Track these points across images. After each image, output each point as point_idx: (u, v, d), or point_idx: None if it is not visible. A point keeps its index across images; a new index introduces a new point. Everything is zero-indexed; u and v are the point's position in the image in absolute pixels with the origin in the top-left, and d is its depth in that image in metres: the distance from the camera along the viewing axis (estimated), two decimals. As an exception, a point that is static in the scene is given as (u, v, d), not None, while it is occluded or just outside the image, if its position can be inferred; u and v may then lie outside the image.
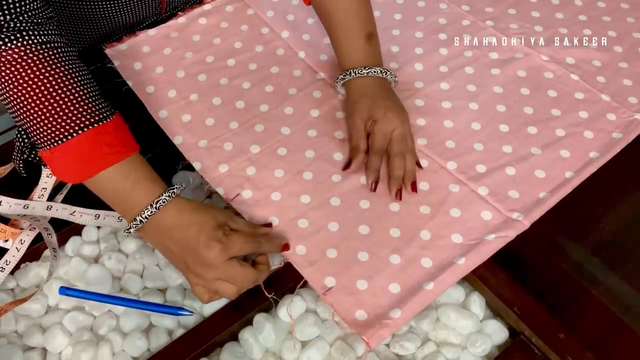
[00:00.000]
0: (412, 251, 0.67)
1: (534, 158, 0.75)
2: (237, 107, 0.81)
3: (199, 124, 0.79)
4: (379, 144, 0.73)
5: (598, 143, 0.77)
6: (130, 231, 0.63)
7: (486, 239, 0.67)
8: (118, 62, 0.86)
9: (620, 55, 0.88)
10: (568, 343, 0.61)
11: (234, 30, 0.91)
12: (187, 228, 0.61)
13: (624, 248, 0.71)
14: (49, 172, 0.75)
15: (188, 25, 0.91)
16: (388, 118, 0.73)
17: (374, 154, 0.73)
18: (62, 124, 0.61)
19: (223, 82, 0.84)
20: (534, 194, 0.72)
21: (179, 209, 0.63)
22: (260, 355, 0.63)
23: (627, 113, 0.80)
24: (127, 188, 0.62)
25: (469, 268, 0.66)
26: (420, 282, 0.64)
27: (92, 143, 0.62)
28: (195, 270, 0.61)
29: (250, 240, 0.63)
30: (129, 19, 0.88)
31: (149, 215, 0.62)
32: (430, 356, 0.63)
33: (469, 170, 0.74)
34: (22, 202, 0.72)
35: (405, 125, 0.73)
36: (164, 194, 0.62)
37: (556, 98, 0.82)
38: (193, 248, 0.61)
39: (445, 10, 0.94)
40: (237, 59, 0.87)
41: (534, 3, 0.95)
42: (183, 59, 0.87)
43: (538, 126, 0.79)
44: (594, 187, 0.76)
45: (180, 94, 0.83)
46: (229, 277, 0.61)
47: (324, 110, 0.81)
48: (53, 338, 0.64)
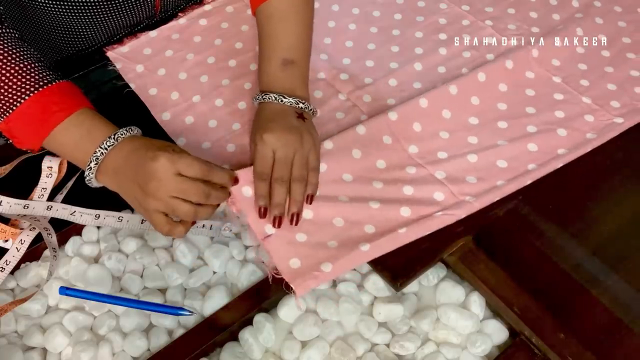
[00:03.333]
0: (358, 217, 0.69)
1: (499, 149, 0.77)
2: (239, 108, 0.82)
3: (202, 126, 0.79)
4: (258, 168, 0.68)
5: (569, 141, 0.78)
6: (90, 174, 0.64)
7: (433, 215, 0.69)
8: (120, 65, 0.86)
9: (607, 60, 0.88)
10: (568, 343, 0.61)
11: (235, 31, 0.91)
12: (136, 152, 0.63)
13: (624, 248, 0.71)
14: (49, 172, 0.75)
15: (189, 26, 0.91)
16: (268, 138, 0.68)
17: (255, 181, 0.69)
18: (9, 94, 0.64)
19: (225, 83, 0.85)
20: (491, 181, 0.73)
21: (130, 143, 0.64)
22: (260, 355, 0.63)
23: (606, 116, 0.81)
24: (83, 137, 0.65)
25: (409, 238, 0.68)
26: (358, 243, 0.66)
27: (41, 104, 0.65)
28: (147, 190, 0.61)
29: (200, 161, 0.62)
30: (124, 22, 0.88)
31: (108, 147, 0.63)
32: (430, 356, 0.63)
33: (429, 155, 0.76)
34: (22, 202, 0.72)
35: (290, 146, 0.68)
36: (116, 133, 0.64)
37: (533, 97, 0.83)
38: (141, 166, 0.61)
39: (446, 10, 0.94)
40: (239, 59, 0.88)
41: (533, 3, 0.95)
42: (185, 60, 0.87)
43: (509, 122, 0.80)
44: (594, 187, 0.77)
45: (182, 96, 0.83)
46: (181, 192, 0.61)
47: (324, 110, 0.81)
48: (53, 338, 0.64)
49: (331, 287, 0.68)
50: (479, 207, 0.71)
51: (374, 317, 0.66)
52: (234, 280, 0.69)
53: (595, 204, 0.75)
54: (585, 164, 0.78)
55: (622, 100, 0.83)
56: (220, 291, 0.67)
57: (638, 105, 0.82)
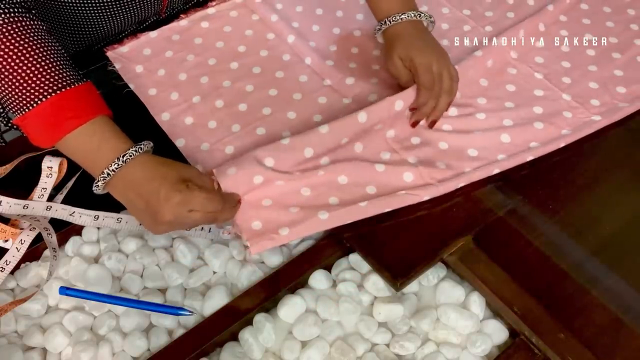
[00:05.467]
0: (324, 189, 0.72)
1: (471, 137, 0.78)
2: (239, 110, 0.81)
3: (201, 127, 0.79)
4: (423, 79, 0.76)
5: (543, 135, 0.79)
6: (99, 184, 0.65)
7: (396, 193, 0.71)
8: (119, 65, 0.85)
9: (591, 58, 0.88)
10: (568, 343, 0.61)
11: (238, 35, 0.91)
12: (150, 181, 0.63)
13: (624, 248, 0.71)
14: (49, 172, 0.75)
15: (190, 28, 0.91)
16: (424, 53, 0.77)
17: (420, 90, 0.77)
18: (28, 92, 0.64)
19: (226, 84, 0.84)
20: (459, 167, 0.75)
21: (144, 164, 0.64)
22: (260, 355, 0.63)
23: (585, 114, 0.81)
24: (93, 148, 0.65)
25: (369, 213, 0.70)
26: (317, 211, 0.69)
27: (56, 109, 0.64)
28: (157, 221, 0.63)
29: (213, 198, 0.63)
30: (131, 20, 0.88)
31: (115, 169, 0.63)
32: (430, 356, 0.63)
33: (405, 141, 0.78)
34: (22, 203, 0.72)
35: (441, 61, 0.77)
36: (131, 148, 0.64)
37: (513, 92, 0.84)
38: (153, 202, 0.62)
39: (447, 15, 0.94)
40: (241, 62, 0.87)
41: (531, 6, 0.95)
42: (185, 61, 0.87)
43: (487, 114, 0.81)
44: (594, 187, 0.77)
45: (182, 97, 0.83)
46: (192, 224, 0.65)
47: (329, 116, 0.80)
48: (53, 338, 0.64)
49: (331, 287, 0.68)
50: (444, 191, 0.73)
51: (374, 317, 0.66)
52: (234, 280, 0.69)
53: (595, 204, 0.75)
54: (586, 164, 0.78)
55: (602, 99, 0.83)
56: (220, 291, 0.67)
57: (618, 104, 0.82)
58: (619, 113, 0.82)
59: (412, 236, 0.70)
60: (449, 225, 0.71)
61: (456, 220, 0.72)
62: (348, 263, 0.70)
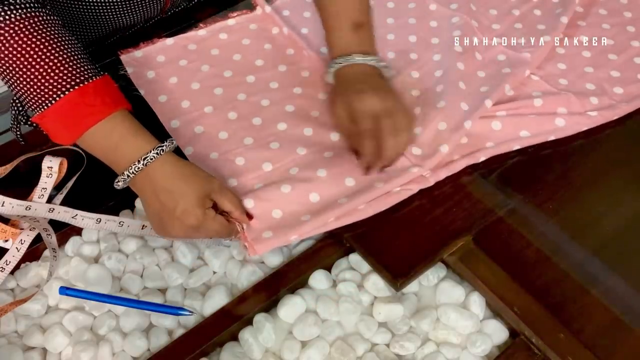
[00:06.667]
0: (306, 186, 0.71)
1: (462, 129, 0.77)
2: (253, 124, 0.79)
3: (211, 137, 0.78)
4: (362, 125, 0.72)
5: (535, 125, 0.79)
6: (119, 184, 0.65)
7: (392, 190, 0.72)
8: (132, 70, 0.84)
9: (587, 60, 0.88)
10: (568, 343, 0.61)
11: (257, 48, 0.89)
12: (170, 194, 0.63)
13: (624, 248, 0.71)
14: (49, 172, 0.75)
15: (208, 38, 0.89)
16: (361, 99, 0.72)
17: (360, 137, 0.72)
18: (46, 89, 0.63)
19: (241, 97, 0.82)
20: (448, 155, 0.75)
21: (166, 170, 0.64)
22: (260, 355, 0.63)
23: (582, 109, 0.81)
24: (111, 145, 0.64)
25: (368, 213, 0.70)
26: (300, 215, 0.69)
27: (74, 105, 0.64)
28: (171, 232, 0.64)
29: (224, 231, 0.66)
30: (134, 19, 0.88)
31: (136, 171, 0.64)
32: (430, 356, 0.63)
33: None
34: (25, 204, 0.72)
35: (385, 103, 0.72)
36: (152, 151, 0.64)
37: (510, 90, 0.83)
38: (169, 212, 0.63)
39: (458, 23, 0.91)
40: (258, 76, 0.85)
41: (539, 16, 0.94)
42: (199, 71, 0.85)
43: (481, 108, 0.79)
44: (594, 187, 0.76)
45: (194, 105, 0.81)
46: (205, 236, 0.66)
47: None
48: (53, 338, 0.64)
49: (331, 287, 0.68)
50: (433, 182, 0.73)
51: (374, 317, 0.66)
52: (234, 280, 0.69)
53: (595, 204, 0.75)
54: (586, 163, 0.78)
55: (600, 99, 0.82)
56: (220, 291, 0.67)
57: (615, 104, 0.82)
58: (617, 111, 0.81)
59: (412, 236, 0.70)
60: (449, 225, 0.71)
61: (456, 220, 0.72)
62: (348, 263, 0.70)
